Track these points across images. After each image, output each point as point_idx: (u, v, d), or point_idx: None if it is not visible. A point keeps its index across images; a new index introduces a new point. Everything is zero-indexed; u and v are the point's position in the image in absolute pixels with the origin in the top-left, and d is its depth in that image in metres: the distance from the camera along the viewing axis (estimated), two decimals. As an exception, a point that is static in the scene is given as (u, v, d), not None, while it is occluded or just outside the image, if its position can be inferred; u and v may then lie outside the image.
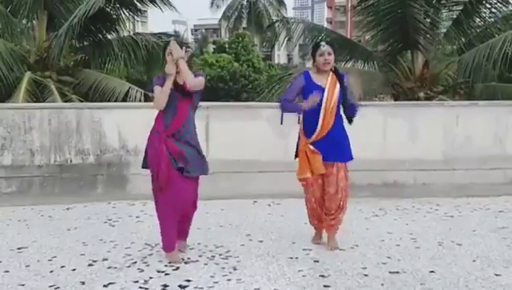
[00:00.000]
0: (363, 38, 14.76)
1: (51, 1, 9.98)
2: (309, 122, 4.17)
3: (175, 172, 3.86)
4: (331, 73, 4.19)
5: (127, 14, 10.72)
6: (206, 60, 26.15)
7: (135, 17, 10.99)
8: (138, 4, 10.60)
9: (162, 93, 3.85)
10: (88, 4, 9.10)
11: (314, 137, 4.15)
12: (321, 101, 4.07)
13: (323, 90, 4.11)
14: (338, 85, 4.15)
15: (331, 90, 4.12)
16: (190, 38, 47.47)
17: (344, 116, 4.27)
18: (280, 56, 53.88)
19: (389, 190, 6.68)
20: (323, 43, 4.22)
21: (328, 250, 4.26)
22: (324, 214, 4.33)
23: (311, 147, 4.15)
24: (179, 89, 3.89)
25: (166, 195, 3.90)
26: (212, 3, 41.58)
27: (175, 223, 4.02)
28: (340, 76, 4.18)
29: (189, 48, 4.13)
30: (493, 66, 8.69)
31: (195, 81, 3.85)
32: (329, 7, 72.83)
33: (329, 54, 4.13)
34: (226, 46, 28.89)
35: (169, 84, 3.85)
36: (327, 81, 4.15)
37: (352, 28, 47.97)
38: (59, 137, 6.72)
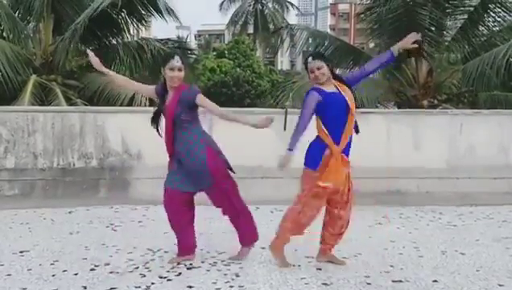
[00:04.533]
0: (366, 45, 14.79)
1: (58, 4, 10.02)
2: (334, 128, 3.84)
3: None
4: (333, 81, 3.96)
5: (133, 20, 10.77)
6: (206, 65, 26.10)
7: (140, 23, 11.01)
8: (143, 11, 10.63)
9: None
10: (93, 7, 9.14)
11: (341, 145, 3.85)
12: (344, 105, 3.85)
13: (340, 95, 3.88)
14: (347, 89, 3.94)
15: (347, 93, 3.90)
16: (193, 43, 47.64)
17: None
18: (283, 63, 53.98)
19: (392, 198, 6.66)
20: (310, 58, 3.96)
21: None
22: (329, 234, 4.09)
23: (345, 156, 3.88)
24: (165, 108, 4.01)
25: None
26: (220, 7, 41.70)
27: (182, 227, 4.10)
28: (344, 81, 3.96)
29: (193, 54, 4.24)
30: (497, 75, 8.68)
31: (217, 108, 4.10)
32: (332, 14, 72.93)
33: (318, 68, 3.89)
34: (226, 52, 28.82)
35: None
36: (337, 87, 3.92)
37: (355, 35, 48.08)
38: (62, 140, 6.73)
